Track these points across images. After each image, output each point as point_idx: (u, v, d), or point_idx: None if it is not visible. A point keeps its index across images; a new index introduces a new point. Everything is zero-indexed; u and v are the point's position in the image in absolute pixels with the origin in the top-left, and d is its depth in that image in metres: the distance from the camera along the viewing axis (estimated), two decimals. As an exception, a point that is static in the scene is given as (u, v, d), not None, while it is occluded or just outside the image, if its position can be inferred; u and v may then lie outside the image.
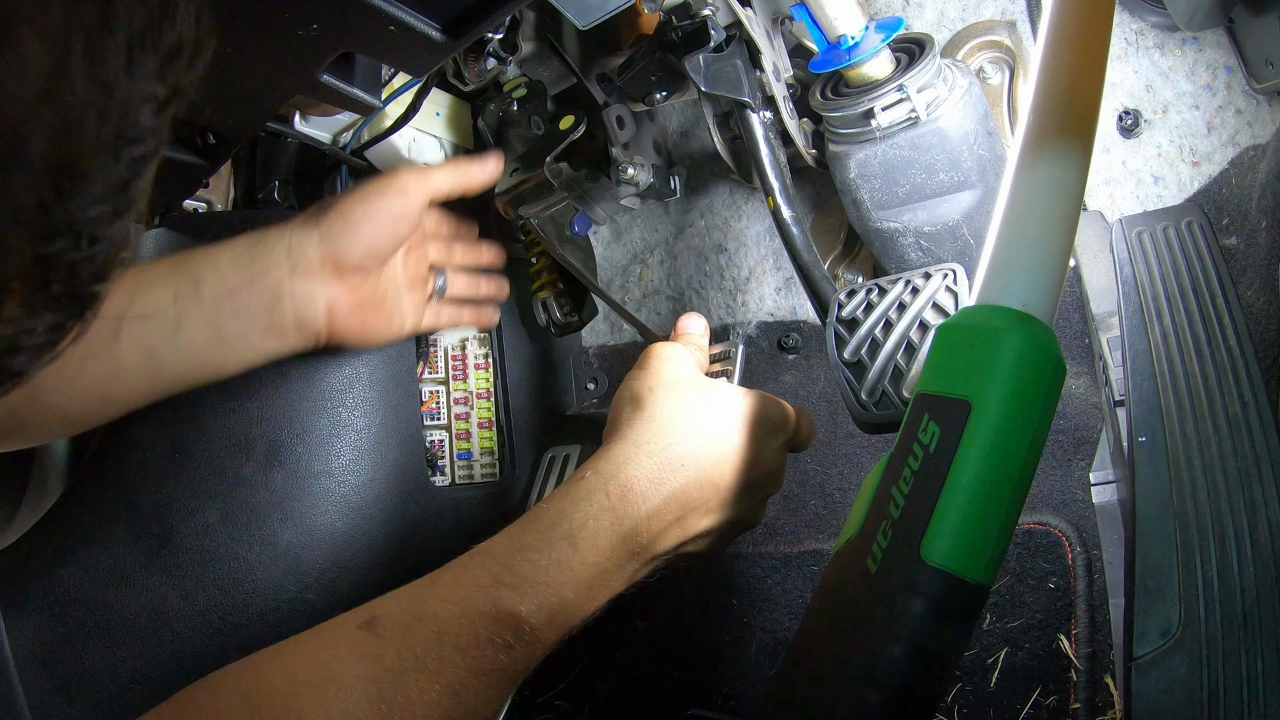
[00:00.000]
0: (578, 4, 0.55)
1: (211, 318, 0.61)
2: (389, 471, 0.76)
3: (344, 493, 0.73)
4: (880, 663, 0.36)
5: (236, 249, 0.63)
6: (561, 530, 0.51)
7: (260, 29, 0.49)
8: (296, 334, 0.64)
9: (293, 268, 0.63)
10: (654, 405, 0.57)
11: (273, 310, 0.62)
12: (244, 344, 0.63)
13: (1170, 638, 0.47)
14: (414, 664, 0.46)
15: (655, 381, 0.59)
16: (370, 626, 0.47)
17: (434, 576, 0.51)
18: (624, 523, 0.52)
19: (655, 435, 0.55)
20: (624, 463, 0.54)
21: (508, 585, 0.49)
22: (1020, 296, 0.41)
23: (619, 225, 1.01)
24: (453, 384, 0.88)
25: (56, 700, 0.64)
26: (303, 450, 0.72)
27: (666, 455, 0.54)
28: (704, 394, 0.58)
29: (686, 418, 0.56)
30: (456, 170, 0.70)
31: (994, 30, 0.79)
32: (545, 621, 0.49)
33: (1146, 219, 0.70)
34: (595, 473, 0.54)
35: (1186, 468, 0.53)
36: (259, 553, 0.70)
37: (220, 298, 0.61)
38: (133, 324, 0.59)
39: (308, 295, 0.63)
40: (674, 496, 0.54)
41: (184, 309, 0.60)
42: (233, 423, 0.72)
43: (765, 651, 0.76)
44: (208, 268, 0.62)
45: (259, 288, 0.62)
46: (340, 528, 0.73)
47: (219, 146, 0.65)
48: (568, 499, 0.53)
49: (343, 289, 0.64)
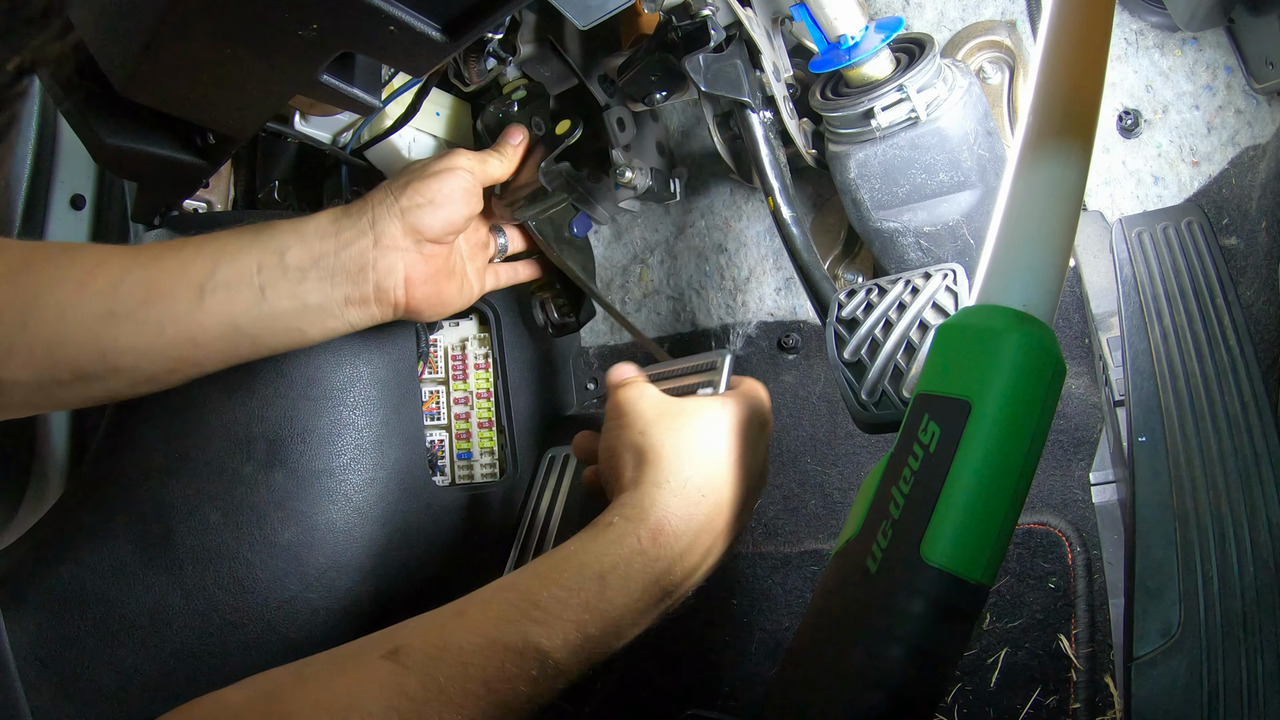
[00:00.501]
0: (578, 4, 0.55)
1: (295, 287, 0.63)
2: (389, 471, 0.76)
3: (344, 492, 0.73)
4: (880, 663, 0.36)
5: (321, 222, 0.65)
6: (591, 571, 0.51)
7: (260, 29, 0.49)
8: (377, 303, 0.66)
9: (376, 240, 0.65)
10: (655, 445, 0.57)
11: (357, 280, 0.65)
12: (326, 313, 0.65)
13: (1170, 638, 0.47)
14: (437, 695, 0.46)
15: (643, 424, 0.59)
16: (394, 656, 0.48)
17: (458, 608, 0.51)
18: (657, 564, 0.53)
19: (670, 473, 0.56)
20: (650, 505, 0.54)
21: (534, 620, 0.49)
22: (1020, 296, 0.41)
23: (619, 225, 1.01)
24: (453, 384, 0.88)
25: (56, 699, 0.64)
26: (303, 449, 0.72)
27: (688, 490, 0.55)
28: (694, 418, 0.59)
29: (690, 447, 0.57)
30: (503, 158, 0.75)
31: (994, 30, 0.79)
32: (569, 657, 0.50)
33: (1146, 219, 0.70)
34: (623, 519, 0.54)
35: (1186, 468, 0.53)
36: (259, 552, 0.70)
37: (305, 267, 0.63)
38: (215, 291, 0.61)
39: (389, 266, 0.65)
40: (704, 529, 0.55)
41: (268, 277, 0.62)
42: (233, 422, 0.72)
43: (765, 651, 0.76)
44: (293, 238, 0.63)
45: (344, 258, 0.64)
46: (341, 527, 0.73)
47: (219, 146, 0.65)
48: (597, 542, 0.53)
49: (420, 260, 0.67)
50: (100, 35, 0.55)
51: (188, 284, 0.60)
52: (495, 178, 0.74)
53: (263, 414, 0.72)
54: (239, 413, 0.72)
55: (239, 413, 0.72)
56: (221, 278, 0.61)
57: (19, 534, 0.73)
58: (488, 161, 0.73)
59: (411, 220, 0.66)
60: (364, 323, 0.67)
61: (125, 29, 0.51)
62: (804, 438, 0.85)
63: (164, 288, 0.60)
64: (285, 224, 0.64)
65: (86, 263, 0.59)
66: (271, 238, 0.63)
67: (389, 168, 0.85)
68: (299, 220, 0.65)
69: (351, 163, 0.86)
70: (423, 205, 0.66)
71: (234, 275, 0.61)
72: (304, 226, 0.65)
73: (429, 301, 0.69)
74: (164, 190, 0.75)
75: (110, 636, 0.66)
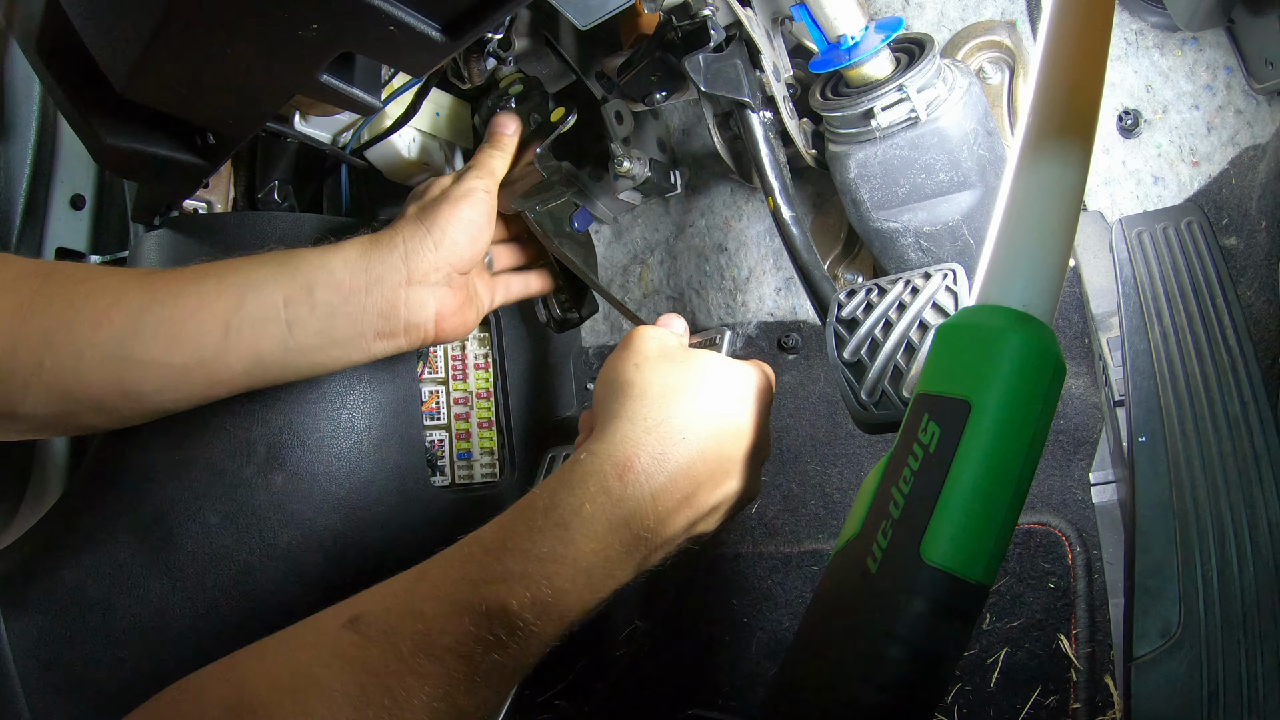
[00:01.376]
0: (578, 4, 0.55)
1: (324, 323, 0.62)
2: (389, 473, 0.76)
3: (344, 494, 0.73)
4: (880, 663, 0.36)
5: (349, 255, 0.63)
6: (555, 517, 0.48)
7: (260, 29, 0.49)
8: (406, 337, 0.65)
9: (409, 275, 0.64)
10: (643, 381, 0.55)
11: (387, 316, 0.64)
12: (353, 346, 0.64)
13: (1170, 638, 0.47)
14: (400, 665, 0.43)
15: (640, 359, 0.57)
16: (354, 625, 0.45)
17: (421, 570, 0.48)
18: (624, 504, 0.49)
19: (650, 410, 0.53)
20: (620, 440, 0.51)
21: (498, 578, 0.46)
22: (1020, 296, 0.41)
23: (620, 224, 1.01)
24: (453, 384, 0.88)
25: (57, 701, 0.64)
26: (303, 452, 0.72)
27: (665, 429, 0.52)
28: (693, 365, 0.56)
29: (679, 388, 0.54)
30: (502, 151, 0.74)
31: (994, 30, 0.79)
32: (539, 615, 0.46)
33: (1146, 219, 0.70)
34: (590, 454, 0.51)
35: (1186, 468, 0.53)
36: (259, 554, 0.70)
37: (335, 303, 0.62)
38: (241, 329, 0.59)
39: (420, 302, 0.65)
40: (680, 472, 0.51)
41: (294, 313, 0.61)
42: (234, 425, 0.72)
43: (765, 651, 0.76)
44: (320, 273, 0.62)
45: (375, 294, 0.63)
46: (340, 529, 0.73)
47: (219, 146, 0.65)
48: (561, 483, 0.50)
49: (449, 292, 0.67)
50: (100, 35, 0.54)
51: (213, 322, 0.59)
52: (501, 176, 0.73)
53: (263, 417, 0.72)
54: (239, 415, 0.72)
55: (239, 415, 0.72)
56: (248, 314, 0.59)
57: (18, 534, 0.73)
58: (492, 166, 0.72)
59: (445, 254, 0.65)
60: (388, 353, 0.66)
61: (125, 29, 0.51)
62: (804, 438, 0.85)
63: (189, 331, 0.58)
64: (312, 255, 0.63)
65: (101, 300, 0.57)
66: (298, 271, 0.61)
67: (389, 168, 0.85)
68: (326, 251, 0.63)
69: (351, 163, 0.86)
70: (457, 238, 0.65)
71: (260, 311, 0.60)
72: (332, 260, 0.63)
73: (456, 331, 0.69)
74: (164, 190, 0.75)
75: (111, 639, 0.66)
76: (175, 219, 0.79)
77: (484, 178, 0.70)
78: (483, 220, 0.67)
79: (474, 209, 0.67)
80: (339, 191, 0.89)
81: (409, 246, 0.64)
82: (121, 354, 0.57)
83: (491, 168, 0.72)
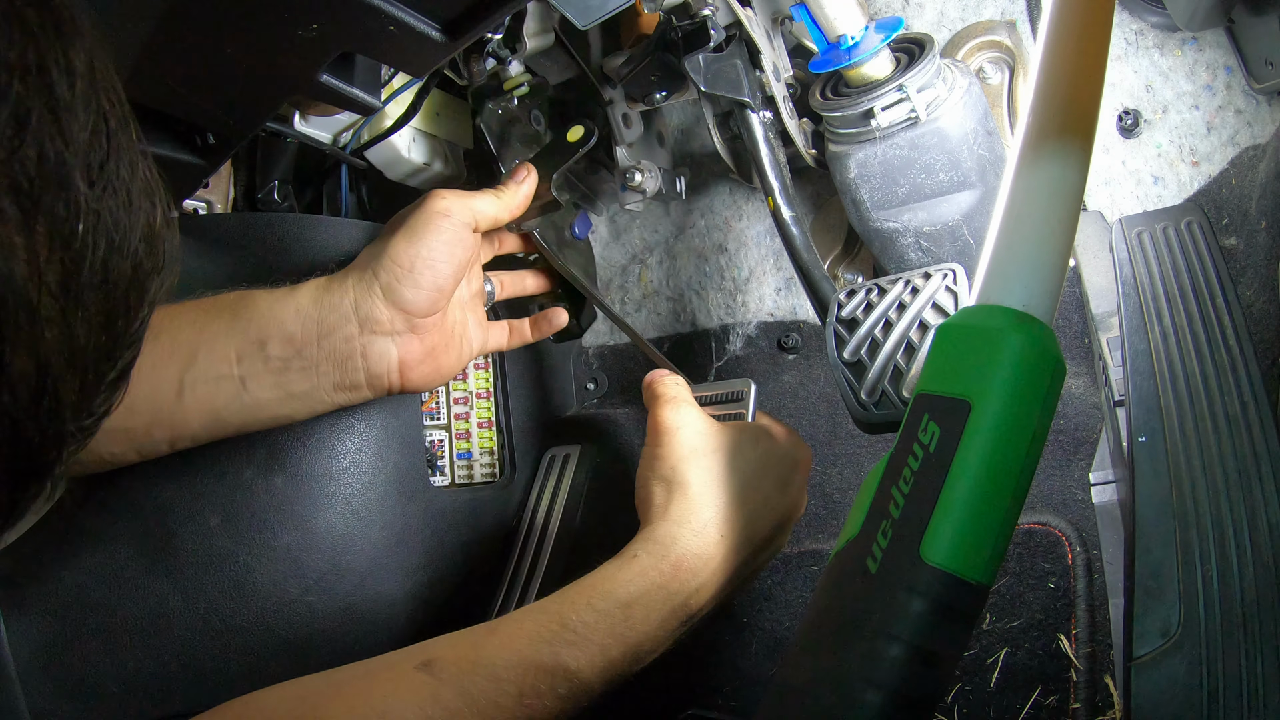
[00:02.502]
0: (578, 4, 0.55)
1: (279, 378, 0.59)
2: (389, 473, 0.76)
3: (344, 495, 0.73)
4: (880, 663, 0.36)
5: (300, 304, 0.60)
6: (618, 599, 0.54)
7: (260, 29, 0.50)
8: (369, 388, 0.63)
9: (361, 325, 0.60)
10: (684, 482, 0.60)
11: (344, 367, 0.61)
12: (312, 399, 0.61)
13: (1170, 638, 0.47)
14: (469, 706, 0.48)
15: (677, 458, 0.61)
16: (428, 668, 0.49)
17: (492, 626, 0.53)
18: (676, 597, 0.56)
19: (693, 513, 0.59)
20: (671, 543, 0.57)
21: (565, 641, 0.52)
22: (1020, 297, 0.41)
23: (618, 225, 1.01)
24: (453, 384, 0.88)
25: (57, 702, 0.64)
26: (303, 453, 0.72)
27: (708, 533, 0.58)
28: (726, 456, 0.61)
29: (715, 487, 0.60)
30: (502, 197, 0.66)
31: (994, 30, 0.79)
32: (595, 677, 0.52)
33: (1146, 219, 0.70)
34: (646, 553, 0.57)
35: (1186, 468, 0.53)
36: (259, 555, 0.70)
37: (288, 357, 0.59)
38: (195, 386, 0.58)
39: (380, 352, 0.61)
40: (720, 568, 0.58)
41: (248, 369, 0.59)
42: (233, 423, 0.71)
43: (765, 651, 0.76)
44: (272, 326, 0.59)
45: (327, 346, 0.60)
46: (340, 530, 0.73)
47: (219, 146, 0.65)
48: (624, 572, 0.56)
49: (415, 339, 0.62)
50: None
51: (168, 383, 0.58)
52: (490, 218, 0.65)
53: (263, 415, 0.72)
54: (239, 414, 0.72)
55: (239, 414, 0.72)
56: (200, 371, 0.58)
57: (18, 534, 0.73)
58: (476, 200, 0.64)
59: (395, 300, 0.59)
60: (352, 403, 0.64)
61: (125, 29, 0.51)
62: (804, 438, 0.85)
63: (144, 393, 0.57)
64: (264, 303, 0.60)
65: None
66: (250, 323, 0.59)
67: (389, 168, 0.85)
68: (278, 299, 0.60)
69: (351, 163, 0.86)
70: (402, 278, 0.59)
71: (213, 368, 0.58)
72: (283, 311, 0.60)
73: (426, 380, 0.64)
74: (164, 190, 0.74)
75: (111, 640, 0.66)
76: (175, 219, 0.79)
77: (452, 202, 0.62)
78: (441, 256, 0.60)
79: (426, 241, 0.60)
80: (339, 191, 0.89)
81: (357, 293, 0.60)
82: None
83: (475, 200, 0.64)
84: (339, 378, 0.61)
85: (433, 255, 0.60)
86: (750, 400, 0.67)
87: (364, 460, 0.75)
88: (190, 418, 0.59)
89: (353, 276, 0.61)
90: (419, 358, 0.63)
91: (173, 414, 0.58)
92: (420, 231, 0.60)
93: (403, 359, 0.62)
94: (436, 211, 0.61)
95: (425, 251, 0.60)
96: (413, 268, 0.60)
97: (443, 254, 0.60)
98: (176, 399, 0.58)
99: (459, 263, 0.62)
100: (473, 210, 0.63)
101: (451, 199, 0.62)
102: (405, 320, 0.61)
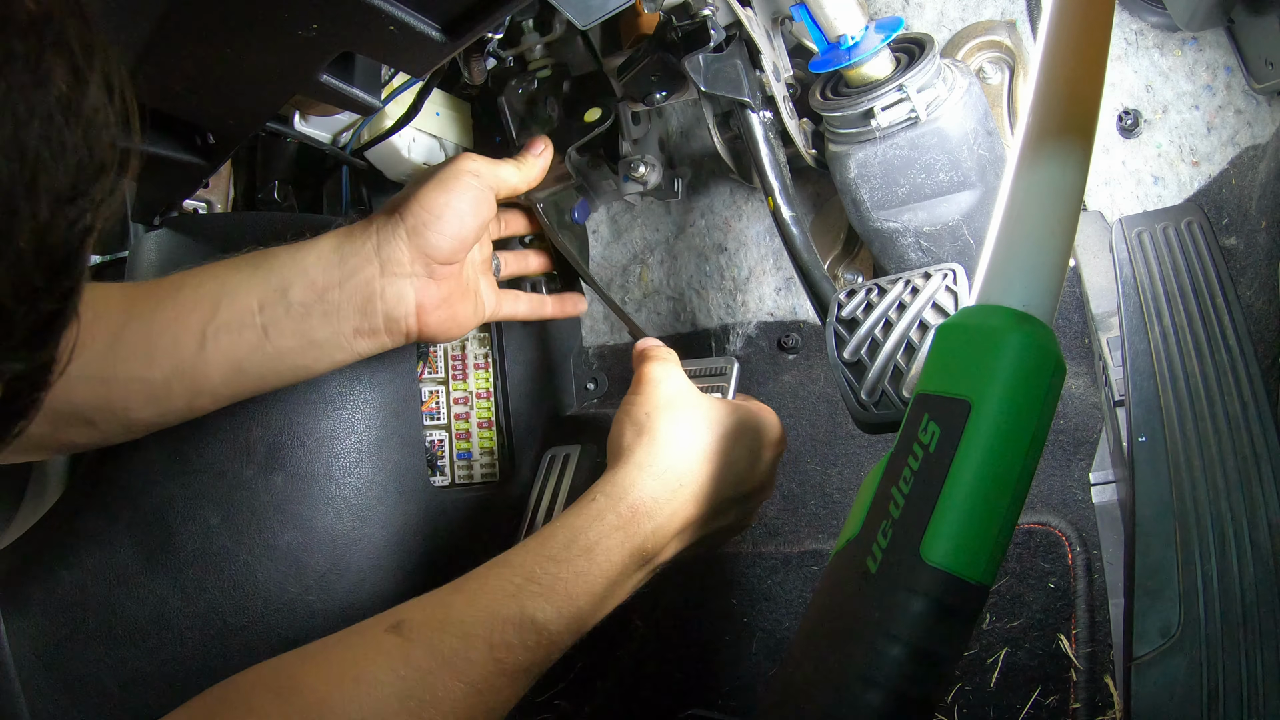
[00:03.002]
0: (578, 4, 0.55)
1: (300, 323, 0.60)
2: (389, 473, 0.76)
3: (344, 494, 0.73)
4: (880, 663, 0.36)
5: (322, 250, 0.62)
6: (579, 546, 0.55)
7: (260, 29, 0.50)
8: (387, 333, 0.64)
9: (382, 267, 0.62)
10: (654, 428, 0.60)
11: (364, 311, 0.62)
12: (334, 346, 0.62)
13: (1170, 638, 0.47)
14: (441, 663, 0.48)
15: (652, 406, 0.62)
16: (398, 630, 0.50)
17: (457, 584, 0.54)
18: (633, 539, 0.56)
19: (656, 458, 0.59)
20: (630, 485, 0.58)
21: (532, 593, 0.52)
22: (1020, 296, 0.41)
23: (619, 225, 1.01)
24: (453, 384, 0.88)
25: (58, 701, 0.64)
26: (303, 452, 0.72)
27: (667, 477, 0.59)
28: (699, 413, 0.62)
29: (683, 438, 0.60)
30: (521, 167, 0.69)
31: (994, 30, 0.79)
32: (563, 627, 0.53)
33: (1146, 219, 0.70)
34: (605, 495, 0.58)
35: (1186, 468, 0.53)
36: (259, 555, 0.70)
37: (310, 303, 0.60)
38: (217, 336, 0.59)
39: (398, 294, 0.62)
40: (676, 514, 0.59)
41: (270, 316, 0.60)
42: (233, 425, 0.71)
43: (765, 651, 0.76)
44: (294, 272, 0.60)
45: (349, 289, 0.61)
46: (340, 529, 0.73)
47: (219, 146, 0.65)
48: (581, 518, 0.57)
49: (432, 284, 0.64)
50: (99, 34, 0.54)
51: (189, 333, 0.58)
52: (510, 186, 0.68)
53: (263, 417, 0.72)
54: (239, 416, 0.72)
55: (239, 416, 0.72)
56: (222, 320, 0.59)
57: (18, 534, 0.73)
58: (500, 167, 0.67)
59: (418, 242, 0.62)
60: (372, 351, 0.64)
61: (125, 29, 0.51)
62: (804, 438, 0.85)
63: (165, 343, 0.58)
64: (285, 254, 0.61)
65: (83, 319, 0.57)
66: (271, 272, 0.60)
67: (389, 168, 0.85)
68: (300, 248, 0.62)
69: (351, 163, 0.86)
70: (429, 223, 0.62)
71: (235, 317, 0.59)
72: (305, 257, 0.61)
73: (443, 326, 0.66)
74: (164, 190, 0.75)
75: (112, 639, 0.66)
76: (175, 219, 0.79)
77: (480, 164, 0.65)
78: (466, 208, 0.63)
79: (454, 193, 0.62)
80: (339, 191, 0.89)
81: (381, 236, 0.62)
82: (103, 374, 0.57)
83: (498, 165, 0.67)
84: (359, 321, 0.62)
85: (460, 205, 0.63)
86: (732, 377, 0.68)
87: (364, 459, 0.75)
88: (211, 370, 0.59)
89: (376, 221, 0.63)
90: (436, 303, 0.64)
91: (194, 365, 0.59)
92: (450, 184, 0.63)
93: (420, 302, 0.63)
94: (466, 170, 0.64)
95: (455, 200, 0.62)
96: (441, 215, 0.62)
97: (469, 207, 0.63)
98: (198, 350, 0.59)
99: (482, 219, 0.65)
100: (497, 175, 0.66)
101: (480, 162, 0.65)
102: (425, 264, 0.62)
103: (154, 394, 0.59)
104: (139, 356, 0.58)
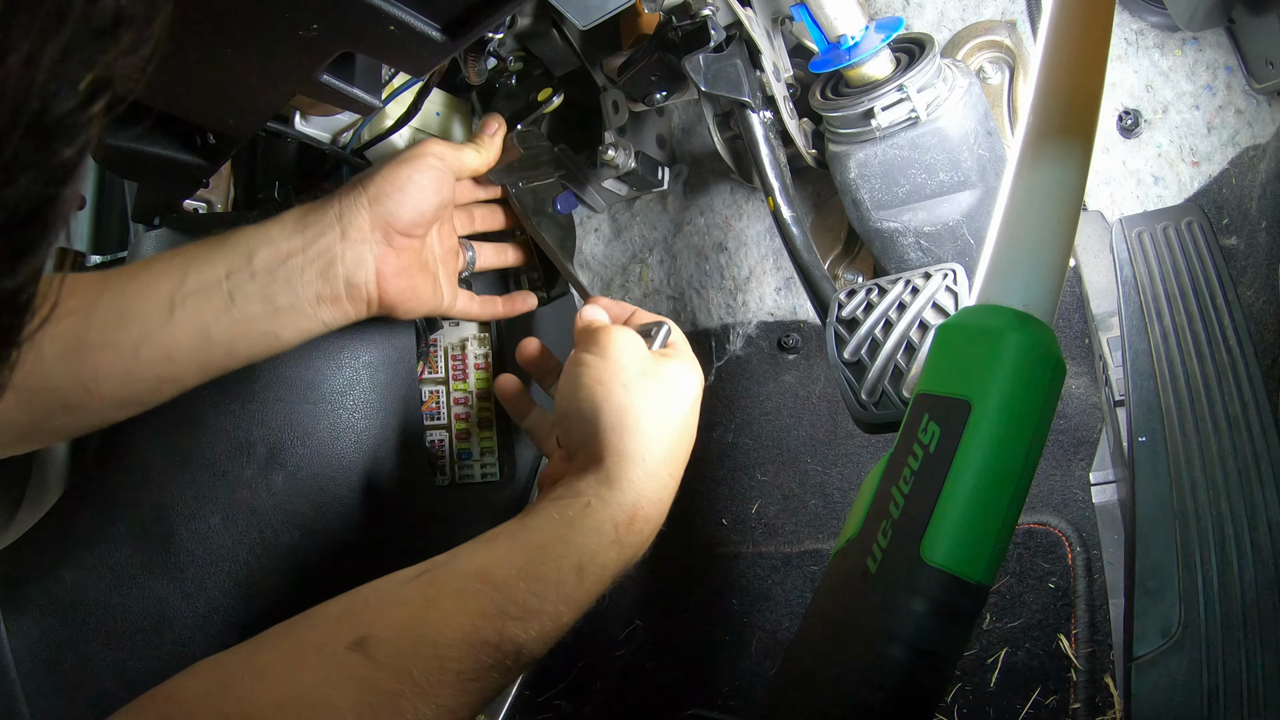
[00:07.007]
0: (578, 4, 0.55)
1: (264, 289, 0.62)
2: (389, 473, 0.76)
3: (344, 494, 0.73)
4: (880, 663, 0.36)
5: (286, 220, 0.64)
6: (570, 562, 0.52)
7: (261, 29, 0.50)
8: (350, 300, 0.65)
9: (343, 232, 0.64)
10: (637, 408, 0.58)
11: (325, 276, 0.63)
12: (297, 313, 0.63)
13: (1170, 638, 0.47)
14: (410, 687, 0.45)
15: (627, 377, 0.59)
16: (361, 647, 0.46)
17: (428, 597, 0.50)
18: (628, 549, 0.55)
19: (648, 446, 0.57)
20: (627, 487, 0.56)
21: (514, 617, 0.49)
22: (1020, 296, 0.41)
23: (619, 223, 1.01)
24: (453, 384, 0.88)
25: (58, 701, 0.64)
26: (303, 452, 0.72)
27: (661, 471, 0.57)
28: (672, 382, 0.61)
29: (665, 416, 0.59)
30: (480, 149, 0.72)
31: (994, 30, 0.79)
32: (542, 646, 0.51)
33: (1146, 219, 0.70)
34: (601, 501, 0.55)
35: (1186, 468, 0.53)
36: (259, 554, 0.70)
37: (273, 267, 0.62)
38: (185, 302, 0.60)
39: (358, 259, 0.64)
40: (664, 503, 0.58)
41: (236, 283, 0.61)
42: (234, 425, 0.72)
43: (765, 651, 0.76)
44: (259, 240, 0.63)
45: (311, 253, 0.63)
46: (340, 529, 0.73)
47: (219, 146, 0.65)
48: (575, 531, 0.54)
49: (391, 252, 0.65)
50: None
51: (158, 299, 0.60)
52: (471, 168, 0.71)
53: (263, 417, 0.72)
54: (239, 416, 0.72)
55: (239, 416, 0.72)
56: (190, 288, 0.60)
57: (18, 535, 0.73)
58: (462, 151, 0.70)
59: (379, 210, 0.64)
60: (338, 321, 0.65)
61: (125, 29, 0.51)
62: (804, 438, 0.85)
63: (135, 309, 0.59)
64: (253, 228, 0.63)
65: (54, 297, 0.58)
66: (239, 243, 0.62)
67: (389, 168, 0.85)
68: (266, 223, 0.64)
69: (352, 162, 0.86)
70: (390, 193, 0.64)
71: (202, 284, 0.60)
72: (270, 229, 0.64)
73: (402, 296, 0.67)
74: (164, 190, 0.75)
75: (112, 640, 0.66)
76: (175, 219, 0.79)
77: (443, 148, 0.68)
78: (426, 184, 0.66)
79: (416, 170, 0.66)
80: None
81: (343, 204, 0.64)
82: (76, 343, 0.58)
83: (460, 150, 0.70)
84: (320, 286, 0.63)
85: (422, 180, 0.65)
86: (656, 340, 0.65)
87: (364, 459, 0.75)
88: (180, 335, 0.60)
89: (340, 192, 0.65)
90: (395, 270, 0.65)
91: (163, 331, 0.59)
92: (414, 163, 0.66)
93: (379, 269, 0.65)
94: (430, 153, 0.67)
95: (417, 175, 0.65)
96: (403, 187, 0.65)
97: (430, 183, 0.66)
98: (167, 314, 0.59)
99: (442, 198, 0.67)
100: (459, 159, 0.70)
101: (443, 147, 0.68)
102: (385, 232, 0.64)
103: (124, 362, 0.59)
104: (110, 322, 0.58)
